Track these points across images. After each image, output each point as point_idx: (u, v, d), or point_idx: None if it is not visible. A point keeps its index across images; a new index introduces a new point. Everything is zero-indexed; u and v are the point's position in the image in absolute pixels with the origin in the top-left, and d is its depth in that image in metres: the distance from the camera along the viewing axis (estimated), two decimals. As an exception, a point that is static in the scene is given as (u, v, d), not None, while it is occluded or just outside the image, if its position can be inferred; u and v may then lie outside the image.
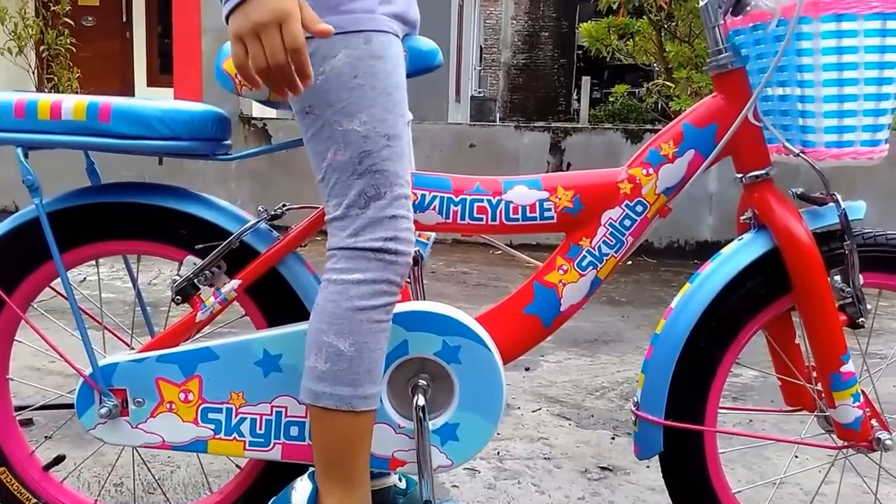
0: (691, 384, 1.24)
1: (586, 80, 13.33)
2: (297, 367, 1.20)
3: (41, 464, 1.38)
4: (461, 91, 11.99)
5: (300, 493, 1.27)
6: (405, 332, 1.19)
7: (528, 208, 1.24)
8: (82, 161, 1.34)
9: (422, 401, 1.20)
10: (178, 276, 1.26)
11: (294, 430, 1.23)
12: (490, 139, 4.97)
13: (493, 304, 1.28)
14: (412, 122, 1.27)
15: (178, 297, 1.26)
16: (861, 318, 1.21)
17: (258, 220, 1.27)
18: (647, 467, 1.84)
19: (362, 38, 1.08)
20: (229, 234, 1.26)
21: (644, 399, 1.24)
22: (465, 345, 1.20)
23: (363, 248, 1.09)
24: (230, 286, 1.25)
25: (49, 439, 1.78)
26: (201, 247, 1.26)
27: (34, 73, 6.20)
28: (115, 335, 1.45)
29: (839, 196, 1.20)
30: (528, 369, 2.62)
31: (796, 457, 1.91)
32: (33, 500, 1.35)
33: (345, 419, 1.11)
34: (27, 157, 1.22)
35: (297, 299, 1.27)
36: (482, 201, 1.24)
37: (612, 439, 2.08)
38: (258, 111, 5.27)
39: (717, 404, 1.26)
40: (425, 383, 1.21)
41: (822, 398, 1.26)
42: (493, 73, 18.91)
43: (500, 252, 1.44)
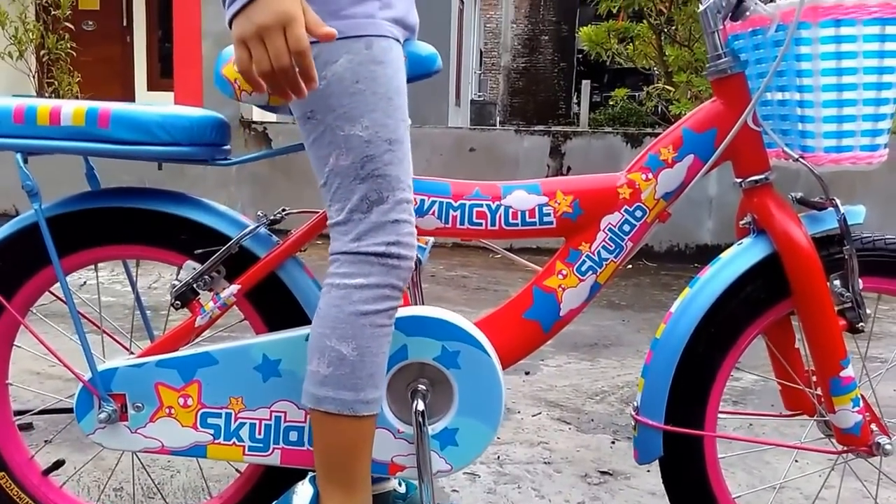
0: (691, 389, 1.24)
1: (586, 84, 13.36)
2: (297, 372, 1.20)
3: (41, 468, 1.38)
4: (461, 95, 12.01)
5: (301, 497, 1.27)
6: (405, 336, 1.19)
7: (527, 213, 1.24)
8: (82, 166, 1.34)
9: (421, 406, 1.20)
10: (177, 281, 1.26)
11: (293, 435, 1.23)
12: (490, 143, 4.98)
13: (492, 308, 1.28)
14: (411, 126, 1.27)
15: (178, 301, 1.26)
16: (860, 323, 1.21)
17: (258, 225, 1.27)
18: (648, 472, 1.84)
19: (363, 44, 1.08)
20: (229, 239, 1.26)
21: (644, 404, 1.24)
22: (465, 350, 1.20)
23: (366, 253, 1.09)
24: (229, 291, 1.25)
25: (49, 444, 1.78)
26: (201, 252, 1.26)
27: (34, 77, 6.21)
28: (114, 339, 1.45)
29: (838, 201, 1.20)
30: (528, 373, 2.62)
31: (796, 461, 1.91)
32: (32, 505, 1.35)
33: (347, 423, 1.11)
34: (26, 163, 1.22)
35: (297, 304, 1.27)
36: (481, 206, 1.24)
37: (613, 443, 2.08)
38: (258, 115, 5.28)
39: (717, 409, 1.26)
40: (425, 388, 1.21)
41: (822, 403, 1.26)
42: (493, 76, 18.94)
43: (499, 256, 1.44)
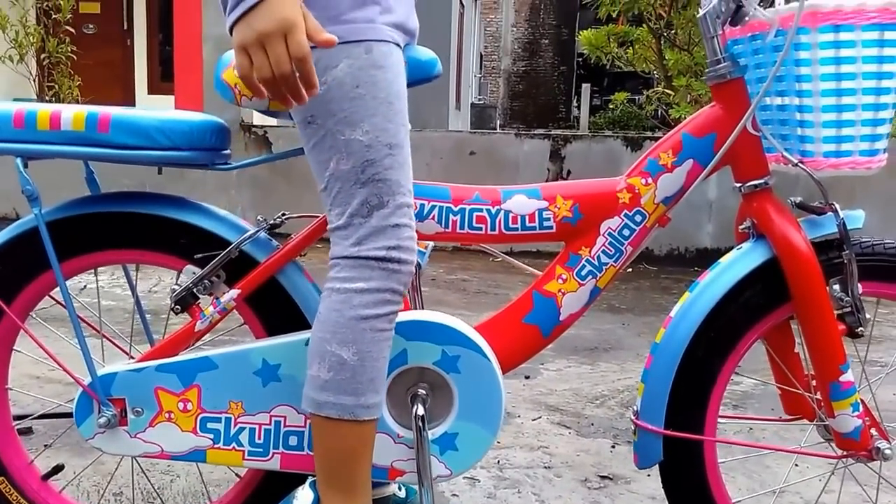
0: (691, 393, 1.24)
1: (586, 88, 13.38)
2: (296, 377, 1.20)
3: (40, 473, 1.38)
4: (461, 98, 12.02)
5: (301, 501, 1.27)
6: (404, 341, 1.19)
7: (527, 218, 1.24)
8: (82, 170, 1.34)
9: (421, 410, 1.20)
10: (177, 286, 1.26)
11: (293, 440, 1.23)
12: (490, 146, 4.98)
13: (493, 311, 1.28)
14: (411, 130, 1.27)
15: (178, 306, 1.26)
16: (860, 328, 1.21)
17: (257, 230, 1.27)
18: (648, 476, 1.84)
19: (363, 48, 1.08)
20: (228, 244, 1.26)
21: (644, 408, 1.24)
22: (465, 354, 1.20)
23: (366, 257, 1.09)
24: (229, 296, 1.25)
25: (48, 448, 1.78)
26: (200, 256, 1.26)
27: (35, 80, 6.21)
28: (114, 344, 1.45)
29: (837, 205, 1.20)
30: (528, 377, 2.62)
31: (796, 465, 1.91)
32: (32, 510, 1.35)
33: (347, 428, 1.11)
34: (27, 168, 1.22)
35: (297, 308, 1.27)
36: (481, 211, 1.24)
37: (613, 448, 2.08)
38: (259, 119, 5.29)
39: (717, 413, 1.26)
40: (424, 393, 1.21)
41: (822, 407, 1.26)
42: (493, 80, 18.96)
43: (499, 259, 1.44)
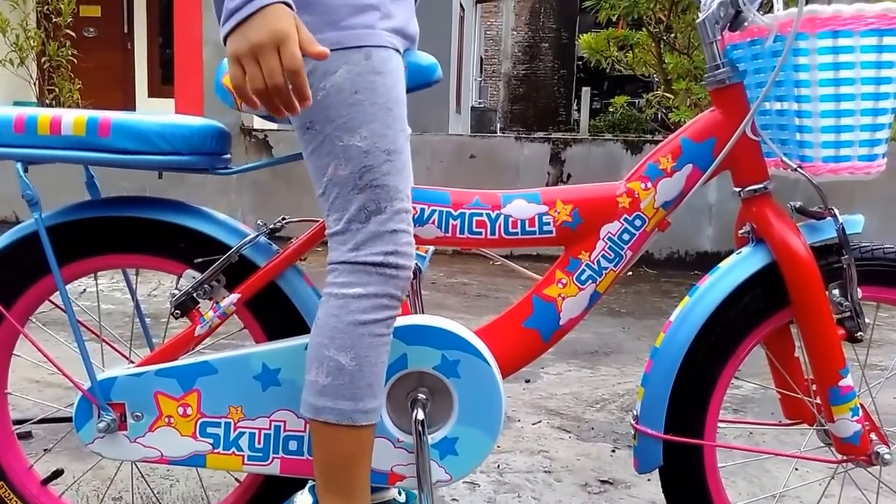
0: (691, 398, 1.24)
1: (586, 91, 13.39)
2: (296, 382, 1.20)
3: (40, 478, 1.38)
4: (461, 102, 12.02)
5: (300, 506, 1.27)
6: (404, 345, 1.20)
7: (527, 222, 1.24)
8: (82, 174, 1.34)
9: (421, 415, 1.20)
10: (177, 290, 1.26)
11: (293, 445, 1.23)
12: (490, 150, 4.99)
13: (493, 315, 1.28)
14: (411, 134, 1.28)
15: (178, 310, 1.26)
16: (859, 332, 1.21)
17: (257, 234, 1.27)
18: (648, 480, 1.84)
19: (362, 54, 1.08)
20: (228, 248, 1.26)
21: (643, 413, 1.24)
22: (465, 359, 1.20)
23: (364, 263, 1.09)
24: (229, 300, 1.25)
25: (48, 452, 1.78)
26: (200, 261, 1.27)
27: (35, 84, 6.21)
28: (113, 348, 1.45)
29: (837, 210, 1.20)
30: (528, 381, 2.61)
31: (796, 469, 1.91)
32: (32, 515, 1.35)
33: (346, 433, 1.11)
34: (27, 172, 1.22)
35: (297, 313, 1.27)
36: (481, 215, 1.24)
37: (613, 452, 2.07)
38: (259, 123, 5.29)
39: (717, 418, 1.26)
40: (424, 397, 1.21)
41: (821, 412, 1.26)
42: (493, 83, 18.98)
43: (499, 263, 1.45)
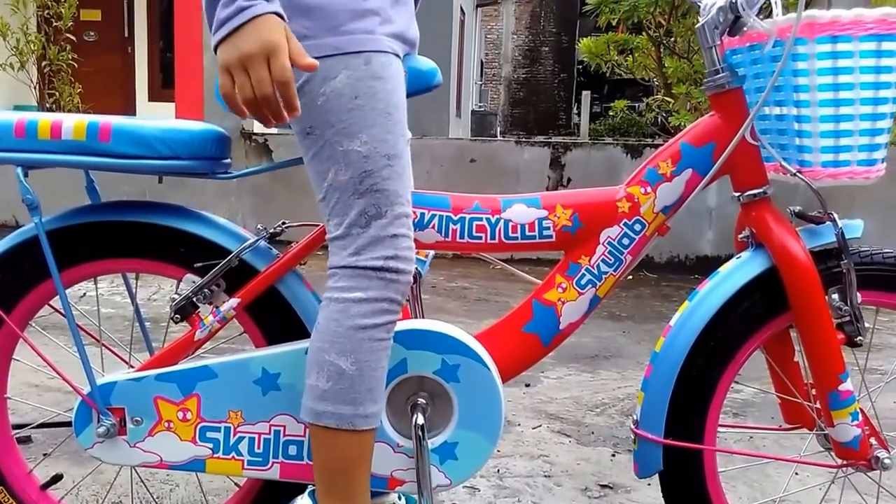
0: (690, 403, 1.24)
1: (586, 95, 13.39)
2: (296, 386, 1.20)
3: (39, 482, 1.38)
4: (462, 105, 12.04)
5: (300, 511, 1.27)
6: (404, 350, 1.19)
7: (527, 227, 1.24)
8: (82, 179, 1.34)
9: (421, 419, 1.20)
10: (177, 295, 1.26)
11: (292, 450, 1.23)
12: (491, 154, 4.99)
13: (493, 319, 1.28)
14: (411, 138, 1.28)
15: (177, 315, 1.26)
16: (859, 337, 1.21)
17: (257, 239, 1.27)
18: (649, 485, 1.83)
19: (362, 59, 1.09)
20: (228, 253, 1.26)
21: (643, 417, 1.24)
22: (464, 363, 1.20)
23: (364, 267, 1.09)
24: (229, 305, 1.25)
25: (47, 457, 1.78)
26: (200, 265, 1.27)
27: (36, 88, 6.22)
28: (113, 353, 1.45)
29: (836, 215, 1.20)
30: (528, 385, 2.61)
31: (797, 474, 1.91)
32: (31, 520, 1.34)
33: (346, 438, 1.11)
34: (27, 177, 1.22)
35: (296, 317, 1.27)
36: (481, 220, 1.24)
37: (613, 456, 2.07)
38: (259, 127, 5.29)
39: (717, 422, 1.26)
40: (424, 402, 1.21)
41: (821, 416, 1.26)
42: (493, 87, 19.01)
43: (499, 267, 1.45)
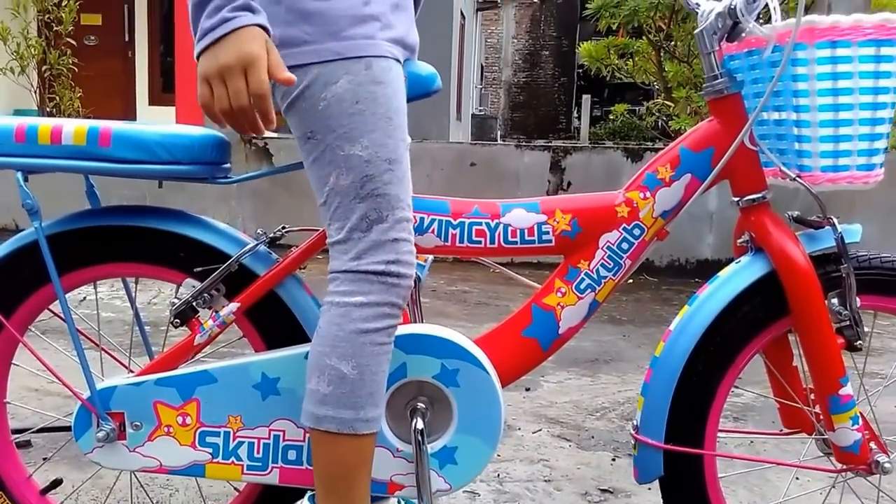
0: (690, 407, 1.24)
1: (587, 99, 13.42)
2: (296, 391, 1.20)
3: (39, 487, 1.38)
4: (462, 109, 12.04)
5: (299, 516, 1.26)
6: (404, 354, 1.19)
7: (526, 231, 1.24)
8: (82, 183, 1.34)
9: (420, 424, 1.20)
10: (176, 299, 1.26)
11: (292, 454, 1.23)
12: (491, 158, 4.99)
13: (493, 323, 1.28)
14: (412, 142, 1.28)
15: (177, 319, 1.26)
16: (858, 341, 1.21)
17: (257, 243, 1.27)
18: (649, 489, 1.83)
19: (363, 64, 1.09)
20: (228, 257, 1.26)
21: (643, 422, 1.24)
22: (464, 368, 1.20)
23: (365, 272, 1.09)
24: (229, 309, 1.25)
25: (47, 461, 1.78)
26: (200, 270, 1.27)
27: (36, 92, 6.22)
28: (113, 357, 1.45)
29: (835, 219, 1.20)
30: (528, 389, 2.61)
31: (797, 478, 1.91)
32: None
33: (346, 442, 1.11)
34: (27, 181, 1.22)
35: (296, 322, 1.27)
36: (480, 224, 1.25)
37: (613, 461, 2.07)
38: (259, 130, 5.29)
39: (717, 427, 1.26)
40: (424, 406, 1.21)
41: (821, 421, 1.26)
42: (493, 91, 19.02)
43: (497, 271, 1.46)
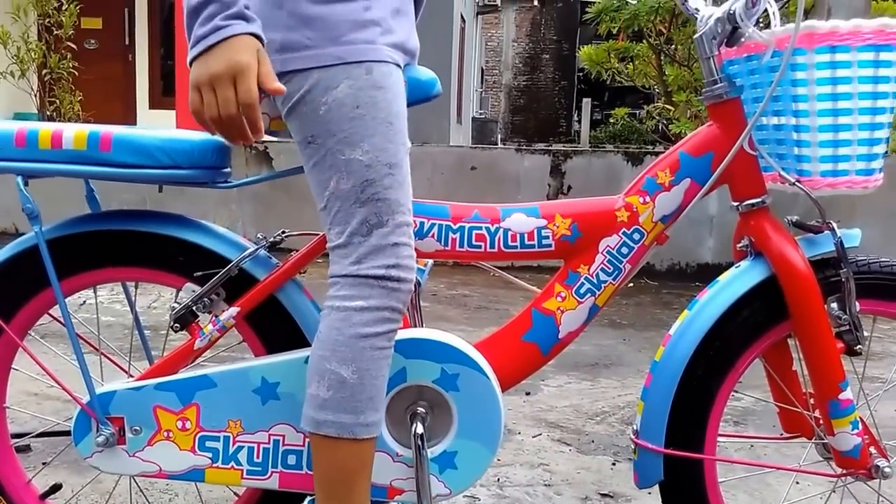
0: (690, 412, 1.24)
1: (587, 102, 13.40)
2: (295, 395, 1.20)
3: (38, 492, 1.38)
4: (462, 112, 12.05)
5: (299, 521, 1.26)
6: (404, 359, 1.19)
7: (526, 236, 1.24)
8: (83, 187, 1.34)
9: (420, 428, 1.20)
10: (176, 304, 1.26)
11: (291, 459, 1.22)
12: (491, 162, 4.99)
13: (494, 326, 1.28)
14: (412, 146, 1.28)
15: (177, 324, 1.26)
16: (858, 346, 1.21)
17: (257, 248, 1.27)
18: (649, 494, 1.82)
19: (364, 69, 1.09)
20: (228, 262, 1.26)
21: (643, 427, 1.24)
22: (464, 372, 1.20)
23: (366, 276, 1.10)
24: (229, 314, 1.25)
25: (46, 466, 1.78)
26: (200, 274, 1.27)
27: (36, 96, 6.23)
28: (113, 362, 1.45)
29: (835, 224, 1.20)
30: (528, 394, 2.61)
31: (797, 483, 1.90)
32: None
33: (346, 447, 1.11)
34: (27, 186, 1.22)
35: (296, 326, 1.27)
36: (480, 229, 1.25)
37: (613, 465, 2.07)
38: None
39: (717, 432, 1.26)
40: (424, 411, 1.21)
41: (821, 425, 1.26)
42: (494, 94, 19.03)
43: (496, 275, 1.46)
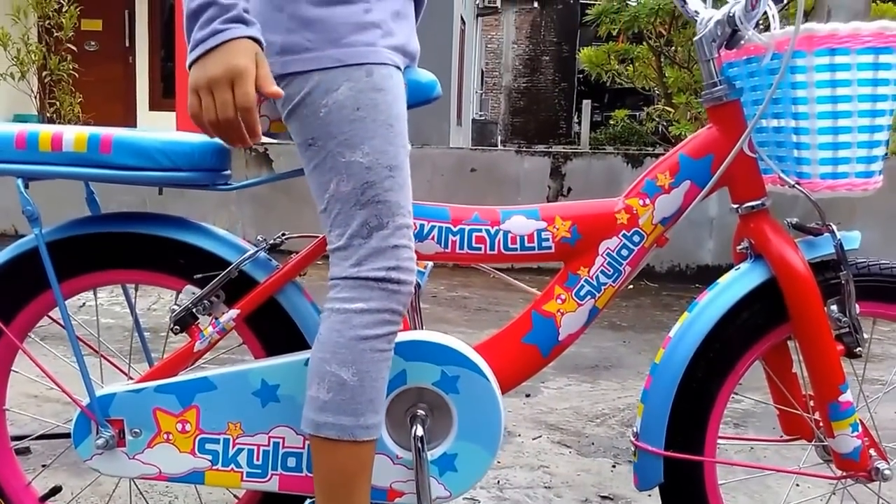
0: (690, 414, 1.24)
1: (587, 104, 13.42)
2: (295, 398, 1.20)
3: (38, 494, 1.38)
4: (462, 114, 12.06)
5: (299, 523, 1.26)
6: (404, 361, 1.19)
7: (526, 238, 1.24)
8: (83, 190, 1.34)
9: (420, 431, 1.20)
10: (176, 306, 1.26)
11: (291, 461, 1.22)
12: (491, 164, 4.99)
13: (494, 329, 1.28)
14: (412, 148, 1.28)
15: (177, 326, 1.26)
16: (858, 348, 1.21)
17: (257, 250, 1.27)
18: (649, 496, 1.83)
19: (364, 71, 1.09)
20: (228, 264, 1.26)
21: (643, 429, 1.24)
22: (464, 375, 1.20)
23: (366, 278, 1.10)
24: (229, 316, 1.25)
25: (46, 468, 1.78)
26: (200, 276, 1.27)
27: (36, 98, 6.23)
28: (112, 364, 1.45)
29: (834, 226, 1.20)
30: (528, 396, 2.61)
31: (797, 485, 1.90)
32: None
33: (346, 449, 1.11)
34: (27, 188, 1.22)
35: (296, 329, 1.27)
36: (480, 231, 1.25)
37: (613, 467, 2.07)
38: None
39: (717, 434, 1.26)
40: (424, 413, 1.21)
41: (821, 428, 1.26)
42: (494, 96, 19.05)
43: (495, 276, 1.46)
